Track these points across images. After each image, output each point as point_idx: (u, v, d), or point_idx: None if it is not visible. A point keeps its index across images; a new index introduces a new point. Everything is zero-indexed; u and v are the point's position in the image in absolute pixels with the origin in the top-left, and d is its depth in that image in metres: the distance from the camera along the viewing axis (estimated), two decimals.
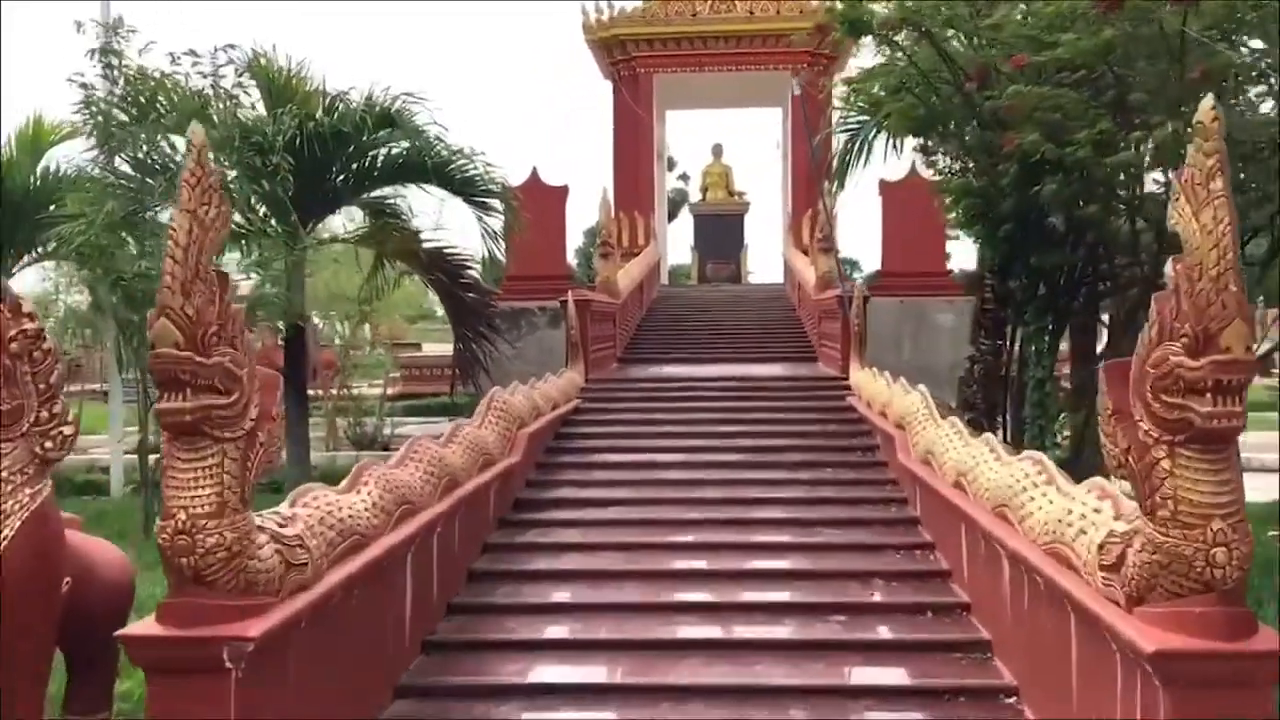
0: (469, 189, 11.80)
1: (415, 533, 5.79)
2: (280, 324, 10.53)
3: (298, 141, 10.69)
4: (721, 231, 27.82)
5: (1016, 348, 9.60)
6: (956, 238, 15.39)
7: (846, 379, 12.85)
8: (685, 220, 38.52)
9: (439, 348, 31.73)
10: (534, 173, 23.43)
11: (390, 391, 24.24)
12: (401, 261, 12.36)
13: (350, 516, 4.97)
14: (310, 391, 22.08)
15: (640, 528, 8.03)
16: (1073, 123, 6.77)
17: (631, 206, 25.21)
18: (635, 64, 25.50)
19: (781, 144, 27.26)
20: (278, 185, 10.26)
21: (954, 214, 8.61)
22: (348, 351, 24.61)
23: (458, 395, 23.26)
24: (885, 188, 22.50)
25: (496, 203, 11.90)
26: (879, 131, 12.51)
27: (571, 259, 46.16)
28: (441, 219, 12.88)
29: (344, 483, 5.39)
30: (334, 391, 19.34)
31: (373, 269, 13.25)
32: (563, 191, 22.89)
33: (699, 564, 7.38)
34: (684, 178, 64.80)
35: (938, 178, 9.32)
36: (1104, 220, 7.64)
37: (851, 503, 8.52)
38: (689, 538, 7.83)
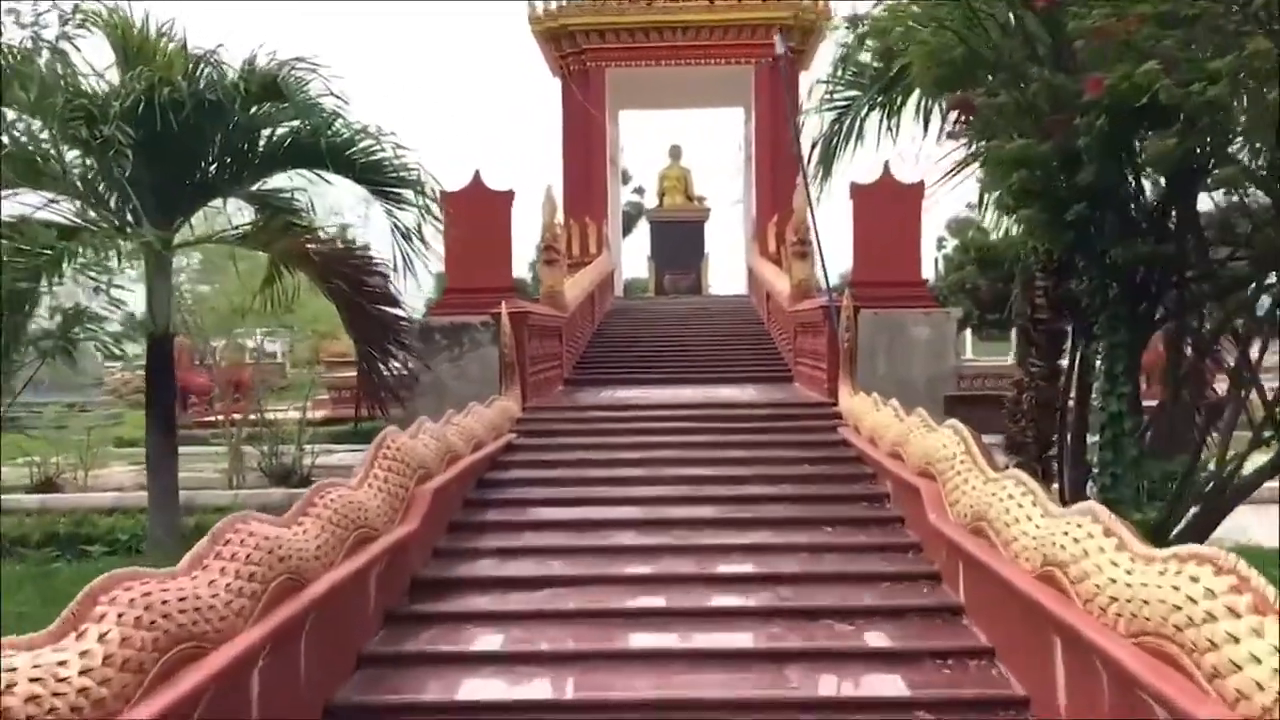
0: (375, 177, 9.49)
1: (195, 690, 3.46)
2: (110, 342, 8.09)
3: (153, 114, 8.31)
4: (680, 239, 25.61)
5: (1072, 368, 7.41)
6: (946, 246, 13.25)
7: (835, 404, 10.66)
8: (641, 234, 36.34)
9: None
10: (476, 176, 21.11)
11: (316, 415, 21.69)
12: (293, 266, 9.99)
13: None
14: (210, 418, 19.42)
15: (583, 624, 5.72)
16: (1190, 60, 4.66)
17: (582, 212, 22.97)
18: (585, 58, 23.29)
19: (744, 145, 25.13)
20: (112, 164, 7.90)
21: (997, 193, 6.43)
22: (260, 371, 22.03)
23: (391, 419, 21.04)
24: (857, 191, 20.55)
25: (410, 194, 9.57)
26: (872, 108, 10.37)
27: (523, 272, 44.11)
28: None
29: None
30: (237, 417, 16.74)
31: (267, 276, 10.85)
32: (508, 197, 20.53)
33: (665, 688, 5.05)
34: (639, 191, 62.72)
35: (970, 146, 7.11)
36: (1237, 187, 5.54)
37: (866, 581, 6.25)
38: (649, 640, 5.53)
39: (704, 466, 8.57)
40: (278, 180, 10.12)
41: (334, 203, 11.84)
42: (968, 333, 37.95)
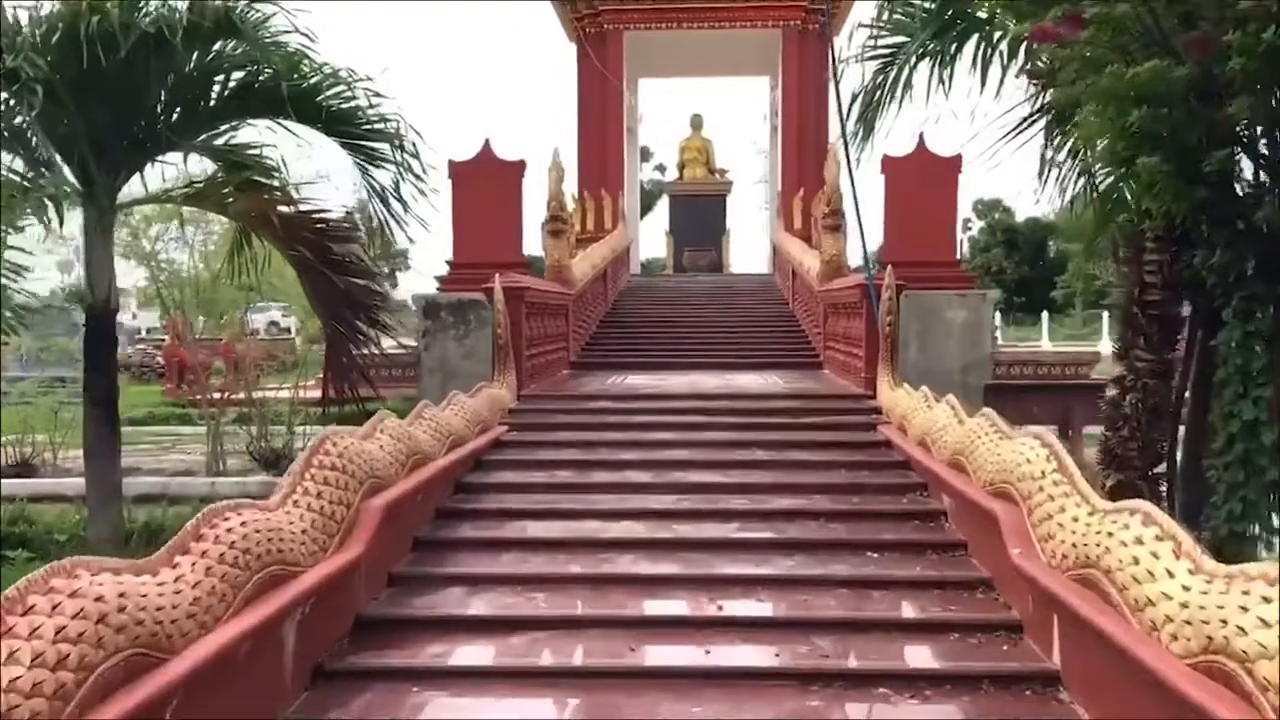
0: (345, 128, 8.13)
1: None
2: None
3: (79, 48, 6.99)
4: (701, 214, 24.14)
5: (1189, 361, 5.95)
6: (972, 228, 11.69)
7: (872, 396, 9.27)
8: (662, 212, 34.86)
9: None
10: (486, 145, 19.84)
11: (316, 396, 20.43)
12: (251, 230, 8.65)
13: None
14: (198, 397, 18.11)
15: (564, 686, 4.39)
16: None
17: (597, 185, 21.58)
18: (602, 19, 21.82)
19: (770, 116, 23.63)
20: (22, 104, 6.58)
21: (1102, 142, 5.00)
22: (268, 347, 20.90)
23: (395, 400, 19.75)
24: (889, 163, 19.14)
25: (385, 148, 8.20)
26: (921, 57, 8.94)
27: (537, 248, 42.79)
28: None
29: None
30: (217, 396, 15.39)
31: (235, 241, 9.51)
32: (519, 167, 19.24)
33: None
34: (660, 168, 61.12)
35: (1047, 91, 5.68)
36: None
37: (928, 632, 4.87)
38: (650, 713, 4.18)
39: (722, 472, 7.20)
40: (247, 134, 8.78)
41: (325, 165, 10.52)
42: (996, 315, 36.27)
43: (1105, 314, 42.98)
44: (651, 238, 38.40)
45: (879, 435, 8.03)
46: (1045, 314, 41.81)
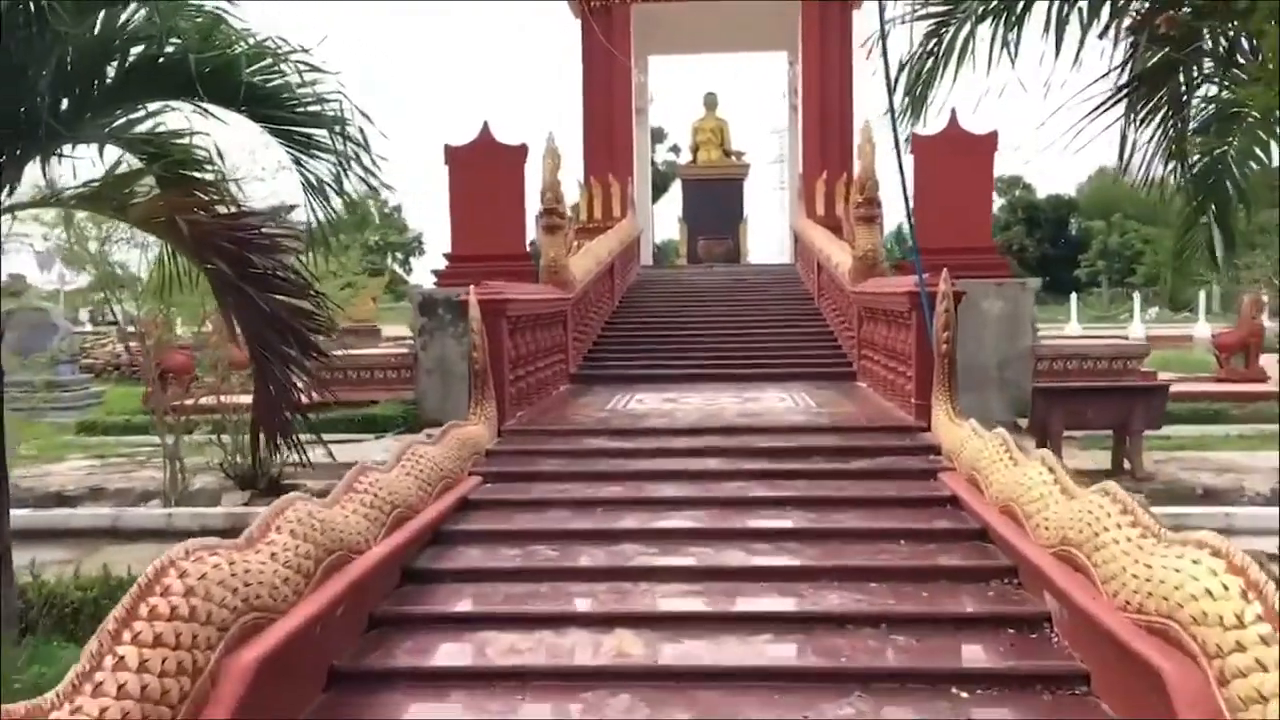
0: (273, 111, 6.44)
1: None
2: None
3: None
4: (716, 200, 22.33)
5: None
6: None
7: (925, 428, 7.56)
8: (676, 196, 33.08)
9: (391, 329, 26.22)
10: (484, 128, 18.14)
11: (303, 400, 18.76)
12: (156, 235, 6.97)
13: None
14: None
15: None
16: None
17: (605, 170, 19.85)
18: None
19: (788, 94, 21.80)
20: None
21: None
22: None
23: (392, 404, 18.10)
24: (919, 143, 17.32)
25: (322, 135, 6.50)
26: (983, 17, 7.18)
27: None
28: None
29: None
30: (189, 402, 13.64)
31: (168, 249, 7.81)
32: (520, 152, 17.54)
33: None
34: (675, 149, 59.19)
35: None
36: None
37: None
38: None
39: (746, 547, 5.49)
40: (176, 120, 7.09)
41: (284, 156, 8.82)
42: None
43: (1136, 295, 41.04)
44: (665, 222, 36.66)
45: (942, 488, 6.32)
46: (1074, 296, 39.79)
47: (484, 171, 17.81)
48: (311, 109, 6.48)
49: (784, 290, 16.23)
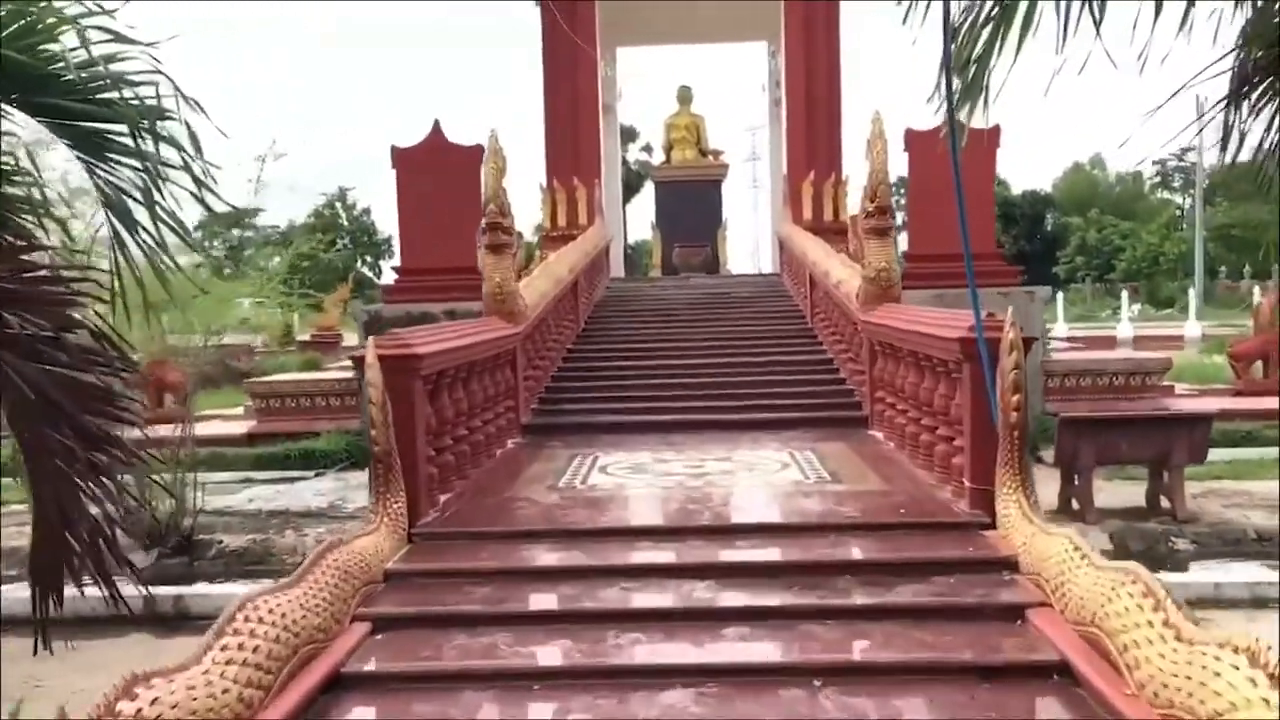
0: (51, 102, 4.29)
1: None
2: None
3: None
4: (692, 203, 20.16)
5: None
6: None
7: (989, 523, 5.45)
8: (650, 196, 30.85)
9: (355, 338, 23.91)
10: (435, 127, 16.00)
11: (243, 430, 16.53)
12: None
13: None
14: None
15: None
16: None
17: (570, 172, 17.66)
18: None
19: (769, 87, 19.68)
20: None
21: None
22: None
23: (335, 435, 15.88)
24: (913, 139, 15.41)
25: (125, 140, 4.33)
26: None
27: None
28: None
29: None
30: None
31: None
32: (475, 154, 15.33)
33: None
34: (647, 149, 56.88)
35: None
36: None
37: None
38: None
39: None
40: None
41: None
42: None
43: (1124, 293, 39.26)
44: (639, 224, 34.50)
45: (1038, 642, 4.19)
46: (1060, 295, 37.92)
47: (436, 175, 15.69)
48: (103, 95, 4.27)
49: (771, 307, 14.11)
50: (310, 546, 9.54)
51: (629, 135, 56.29)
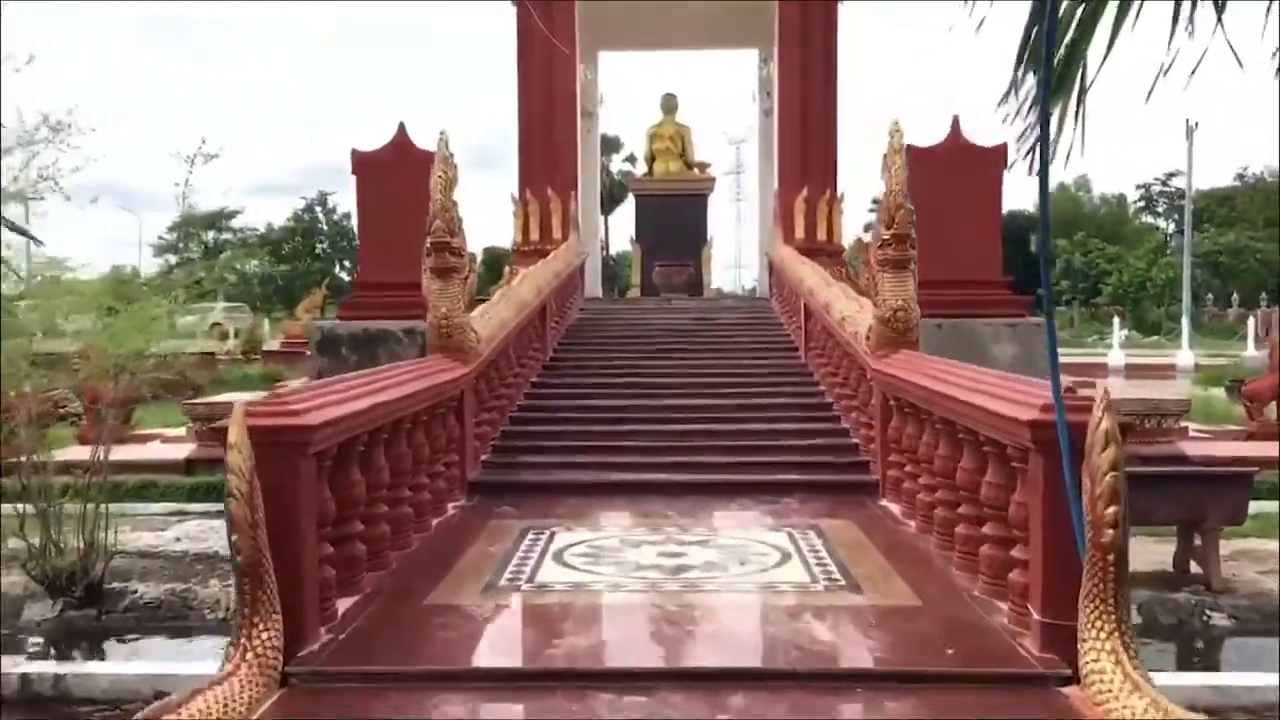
0: None
1: None
2: None
3: None
4: (675, 219, 18.66)
5: None
6: None
7: (1066, 674, 3.96)
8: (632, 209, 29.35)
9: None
10: (400, 130, 14.54)
11: (182, 455, 14.80)
12: None
13: None
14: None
15: None
16: None
17: (544, 183, 16.17)
18: None
19: (760, 97, 18.25)
20: None
21: None
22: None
23: None
24: (915, 155, 13.96)
25: None
26: None
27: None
28: None
29: None
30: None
31: None
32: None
33: None
34: (630, 159, 55.38)
35: None
36: None
37: None
38: None
39: None
40: None
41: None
42: None
43: (1115, 319, 38.01)
44: (621, 236, 33.02)
45: None
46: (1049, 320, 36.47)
47: (399, 182, 14.18)
48: None
49: (761, 338, 12.65)
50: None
51: (612, 145, 54.79)
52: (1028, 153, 4.05)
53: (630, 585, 5.20)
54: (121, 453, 12.05)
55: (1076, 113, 3.89)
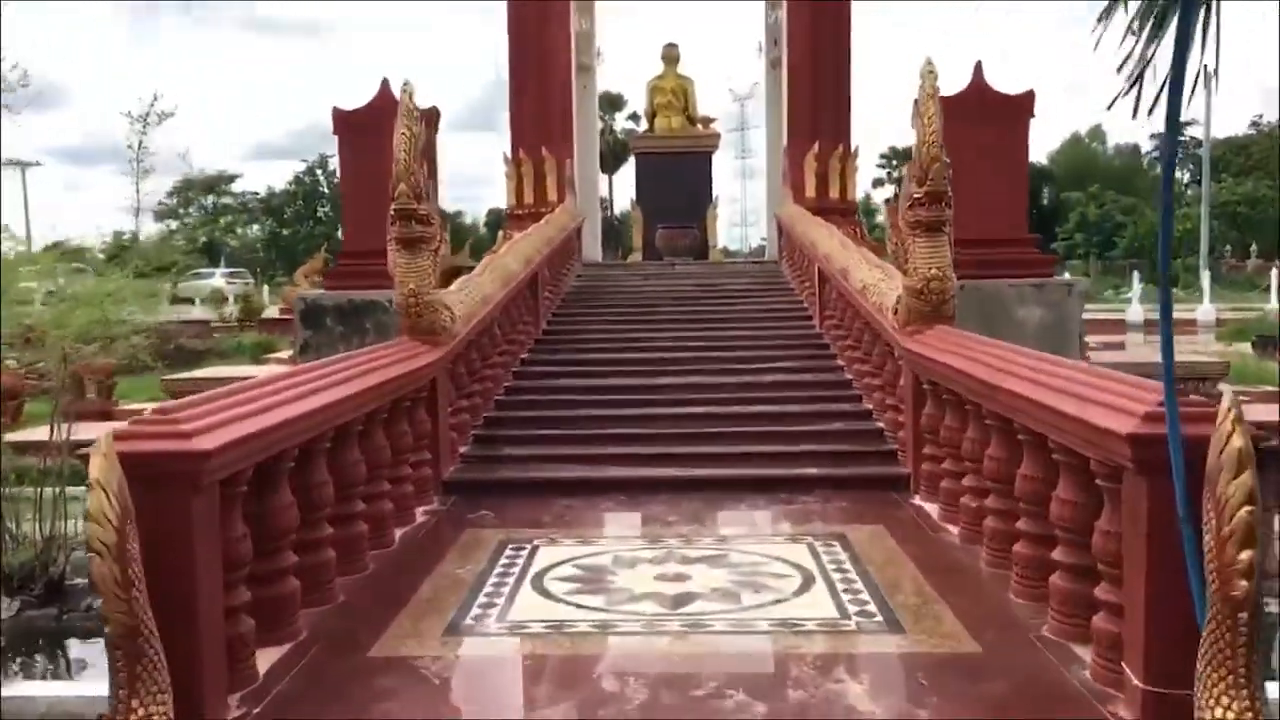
0: None
1: None
2: None
3: None
4: (678, 179, 17.57)
5: None
6: None
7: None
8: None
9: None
10: (384, 86, 13.53)
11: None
12: None
13: None
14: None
15: None
16: None
17: (538, 143, 15.11)
18: None
19: (767, 47, 17.07)
20: None
21: None
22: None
23: None
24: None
25: None
26: None
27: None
28: None
29: None
30: None
31: None
32: (429, 117, 12.85)
33: None
34: (634, 117, 53.92)
35: None
36: None
37: None
38: None
39: None
40: None
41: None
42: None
43: (1135, 272, 36.75)
44: (625, 194, 31.86)
45: None
46: (1066, 275, 35.32)
47: (383, 143, 13.14)
48: None
49: (771, 305, 11.64)
50: None
51: (615, 103, 53.34)
52: (1132, 86, 3.07)
53: (622, 625, 4.27)
54: (86, 432, 11.14)
55: (1205, 25, 2.91)
